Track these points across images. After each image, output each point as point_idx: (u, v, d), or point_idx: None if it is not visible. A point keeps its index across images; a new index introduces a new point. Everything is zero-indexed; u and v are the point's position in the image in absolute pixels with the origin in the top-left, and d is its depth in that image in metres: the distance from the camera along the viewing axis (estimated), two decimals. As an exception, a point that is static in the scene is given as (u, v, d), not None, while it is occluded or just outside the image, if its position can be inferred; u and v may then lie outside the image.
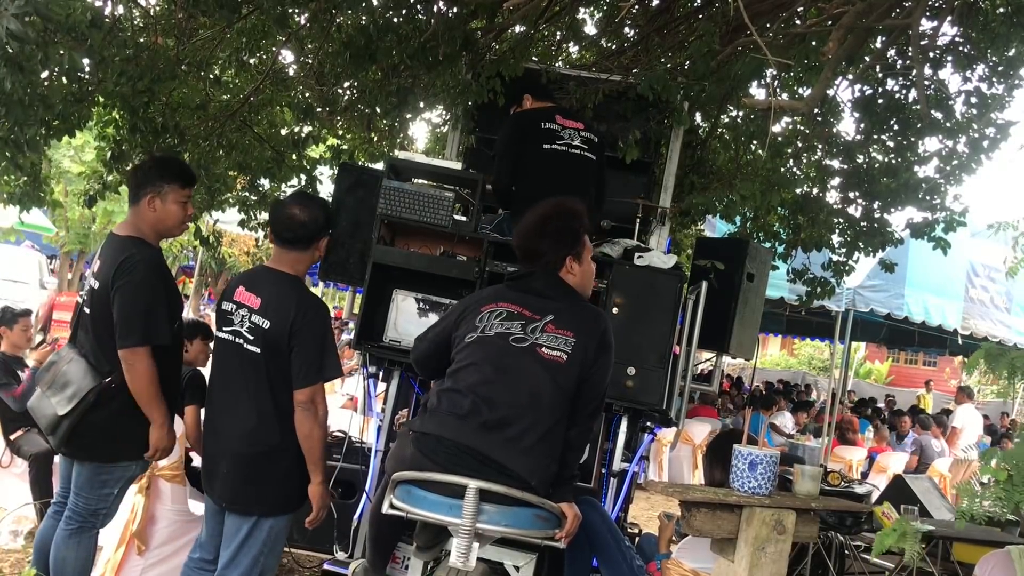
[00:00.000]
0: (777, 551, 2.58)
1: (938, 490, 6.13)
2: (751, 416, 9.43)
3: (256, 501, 2.88)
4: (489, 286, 3.03)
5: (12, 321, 5.18)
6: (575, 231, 2.81)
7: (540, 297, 2.72)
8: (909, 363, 29.76)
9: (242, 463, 2.86)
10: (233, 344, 2.89)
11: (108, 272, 2.96)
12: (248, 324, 2.86)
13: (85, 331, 3.07)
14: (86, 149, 12.84)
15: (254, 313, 2.86)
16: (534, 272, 2.78)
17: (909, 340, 14.21)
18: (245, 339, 2.86)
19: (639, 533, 4.38)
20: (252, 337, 2.85)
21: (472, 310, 2.75)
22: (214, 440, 2.97)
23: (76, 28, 3.64)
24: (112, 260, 2.98)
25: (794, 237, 5.88)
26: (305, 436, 2.82)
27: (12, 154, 3.82)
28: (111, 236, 3.13)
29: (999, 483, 2.12)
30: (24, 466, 4.80)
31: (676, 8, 5.35)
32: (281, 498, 2.91)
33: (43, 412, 3.05)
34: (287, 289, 2.91)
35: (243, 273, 3.15)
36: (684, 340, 3.62)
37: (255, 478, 2.86)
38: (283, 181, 6.11)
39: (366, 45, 4.51)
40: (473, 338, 2.67)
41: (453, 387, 2.64)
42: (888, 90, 5.39)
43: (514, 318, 2.67)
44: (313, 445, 2.84)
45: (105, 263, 3.01)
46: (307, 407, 2.80)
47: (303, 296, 2.92)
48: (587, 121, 3.91)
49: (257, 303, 2.87)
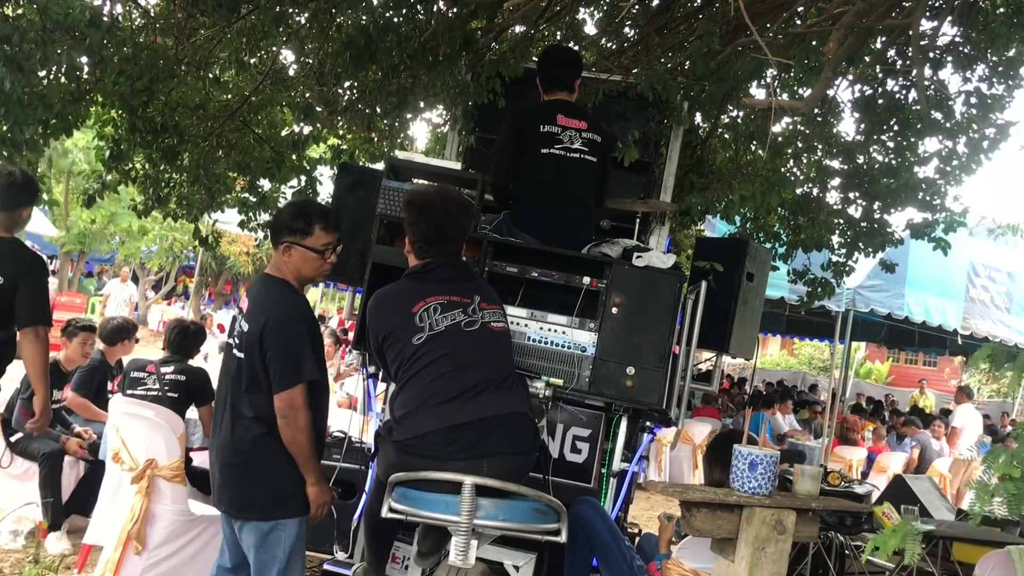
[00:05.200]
0: (777, 551, 2.58)
1: (938, 490, 6.13)
2: (751, 416, 9.43)
3: (251, 507, 2.83)
4: (388, 286, 3.03)
5: (73, 334, 5.17)
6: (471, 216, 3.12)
7: (460, 282, 2.94)
8: (909, 363, 29.77)
9: (229, 470, 2.83)
10: (229, 351, 2.90)
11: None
12: (238, 329, 2.86)
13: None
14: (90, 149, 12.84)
15: (242, 318, 2.86)
16: (439, 263, 2.95)
17: (909, 340, 14.22)
18: (236, 345, 2.85)
19: (639, 533, 4.38)
20: (239, 342, 2.83)
21: (401, 312, 2.84)
22: (211, 449, 2.95)
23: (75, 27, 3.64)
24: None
25: (794, 237, 5.88)
26: (289, 442, 2.75)
27: (10, 153, 3.81)
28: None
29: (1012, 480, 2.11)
30: (24, 466, 4.79)
31: (676, 8, 5.35)
32: (275, 501, 2.82)
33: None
34: (267, 291, 2.87)
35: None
36: (684, 340, 3.61)
37: (244, 485, 2.82)
38: (283, 181, 6.10)
39: (366, 45, 4.50)
40: (422, 338, 2.78)
41: (423, 385, 2.73)
42: (888, 90, 5.39)
43: (454, 306, 2.85)
44: (298, 450, 2.76)
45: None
46: (284, 413, 2.71)
47: (281, 297, 2.84)
48: (591, 119, 3.85)
49: (245, 307, 2.88)
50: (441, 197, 2.99)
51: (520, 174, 3.73)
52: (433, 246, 2.95)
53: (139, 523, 3.76)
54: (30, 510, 4.65)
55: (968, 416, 10.54)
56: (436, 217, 2.92)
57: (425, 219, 2.93)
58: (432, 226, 2.93)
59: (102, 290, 18.13)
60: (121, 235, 16.91)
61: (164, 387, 4.42)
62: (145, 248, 18.10)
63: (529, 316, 3.38)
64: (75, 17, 3.64)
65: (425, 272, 2.94)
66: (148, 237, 17.03)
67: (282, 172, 5.86)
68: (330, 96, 5.51)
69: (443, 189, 3.14)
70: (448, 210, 2.94)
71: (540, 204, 3.66)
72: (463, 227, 3.02)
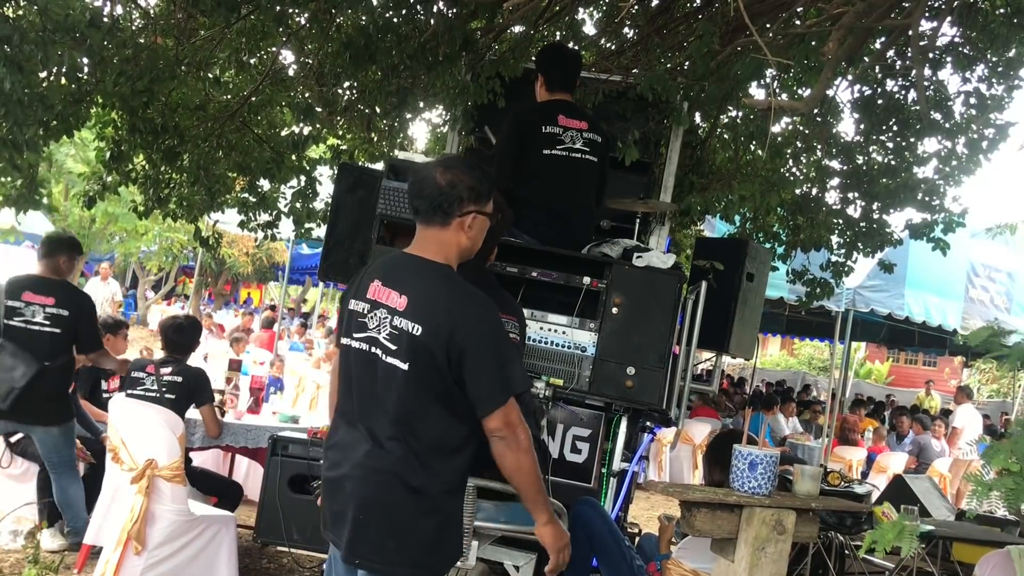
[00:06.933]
0: (777, 551, 2.58)
1: (938, 490, 6.14)
2: (751, 416, 9.43)
3: (403, 563, 2.22)
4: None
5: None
6: None
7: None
8: (909, 363, 29.79)
9: (370, 511, 2.23)
10: (367, 356, 2.28)
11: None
12: (387, 330, 2.24)
13: None
14: (88, 148, 12.83)
15: (397, 315, 2.24)
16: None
17: (909, 340, 14.23)
18: (390, 351, 2.24)
19: (639, 533, 4.38)
20: (395, 347, 2.23)
21: None
22: (335, 476, 2.32)
23: (75, 28, 3.64)
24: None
25: (793, 237, 5.88)
26: (513, 470, 2.23)
27: (10, 155, 3.81)
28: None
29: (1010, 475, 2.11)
30: (24, 466, 4.80)
31: (676, 8, 5.35)
32: (430, 555, 2.26)
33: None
34: (444, 281, 2.27)
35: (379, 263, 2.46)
36: (684, 340, 3.61)
37: (401, 534, 2.22)
38: (283, 182, 6.10)
39: (366, 45, 4.50)
40: None
41: None
42: (888, 90, 5.39)
43: None
44: (525, 479, 2.24)
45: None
46: (503, 434, 2.20)
47: (473, 292, 2.29)
48: (591, 119, 3.85)
49: (399, 302, 2.25)
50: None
51: (521, 175, 3.73)
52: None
53: (139, 523, 3.76)
54: (29, 510, 4.65)
55: (968, 416, 10.55)
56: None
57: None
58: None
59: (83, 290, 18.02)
60: (120, 235, 16.91)
61: (162, 388, 4.41)
62: (144, 248, 18.09)
63: (529, 316, 3.37)
64: (75, 18, 3.64)
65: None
66: (147, 237, 17.03)
67: (282, 172, 5.86)
68: (330, 96, 5.51)
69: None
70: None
71: (542, 205, 3.66)
72: (492, 233, 2.78)
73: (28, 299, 4.41)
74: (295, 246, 13.00)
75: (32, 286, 4.47)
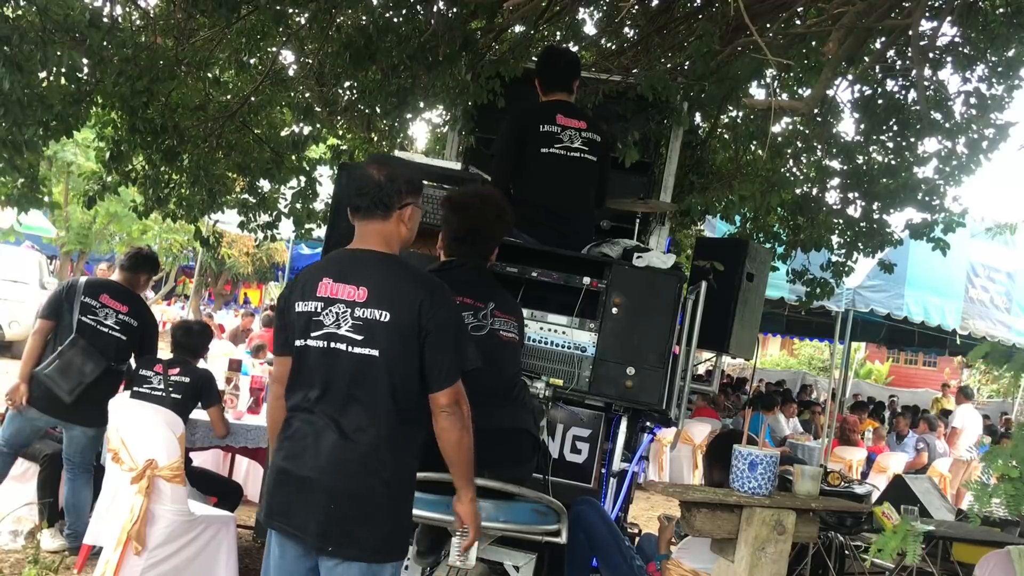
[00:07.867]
0: (777, 551, 2.58)
1: (938, 490, 6.13)
2: (751, 416, 9.43)
3: (357, 544, 2.28)
4: None
5: None
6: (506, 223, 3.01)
7: (477, 285, 2.88)
8: (909, 363, 29.78)
9: (334, 495, 2.28)
10: (329, 350, 2.33)
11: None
12: (349, 322, 2.30)
13: None
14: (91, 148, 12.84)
15: (359, 307, 2.30)
16: (460, 263, 2.90)
17: (909, 340, 14.21)
18: (354, 340, 2.30)
19: (639, 533, 4.38)
20: (360, 337, 2.29)
21: None
22: (294, 466, 2.36)
23: (75, 28, 3.64)
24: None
25: (793, 237, 5.88)
26: (455, 445, 2.32)
27: (10, 155, 3.81)
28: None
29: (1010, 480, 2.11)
30: (24, 466, 4.79)
31: (676, 8, 5.35)
32: (386, 539, 2.32)
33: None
34: (402, 271, 2.38)
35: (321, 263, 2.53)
36: (684, 340, 3.61)
37: (358, 516, 2.28)
38: (282, 182, 6.11)
39: (366, 45, 4.51)
40: None
41: None
42: (888, 90, 5.39)
43: (464, 308, 2.79)
44: (463, 455, 2.34)
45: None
46: (452, 411, 2.31)
47: (428, 277, 2.43)
48: (590, 119, 3.85)
49: (358, 295, 2.32)
50: (480, 199, 2.96)
51: (520, 174, 3.73)
52: (462, 246, 2.92)
53: (139, 523, 3.75)
54: (29, 510, 4.65)
55: (968, 417, 10.55)
56: (469, 218, 2.90)
57: (458, 218, 2.91)
58: (463, 226, 2.90)
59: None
60: (120, 234, 16.92)
61: (168, 388, 4.44)
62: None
63: (529, 316, 3.37)
64: (75, 18, 3.64)
65: (442, 271, 2.87)
66: (147, 236, 17.04)
67: (282, 173, 5.87)
68: (330, 96, 5.52)
69: (487, 192, 3.12)
70: (484, 213, 2.90)
71: (540, 204, 3.66)
72: (495, 232, 2.96)
73: (105, 301, 4.55)
74: (295, 246, 12.99)
75: (111, 291, 4.62)
